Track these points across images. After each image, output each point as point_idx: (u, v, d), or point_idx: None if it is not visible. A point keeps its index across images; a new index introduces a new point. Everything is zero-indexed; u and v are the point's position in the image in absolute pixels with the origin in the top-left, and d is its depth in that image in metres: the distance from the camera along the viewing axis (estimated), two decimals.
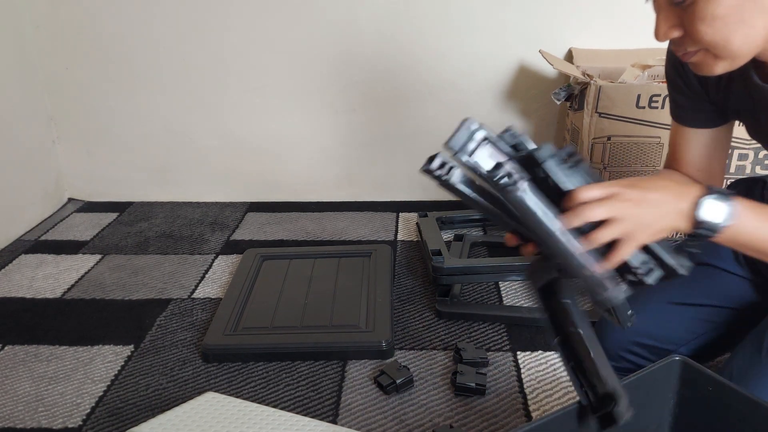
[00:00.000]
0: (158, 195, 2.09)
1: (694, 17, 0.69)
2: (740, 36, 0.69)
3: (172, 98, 1.96)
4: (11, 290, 1.53)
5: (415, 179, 2.05)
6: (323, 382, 1.17)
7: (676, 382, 0.83)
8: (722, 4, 0.67)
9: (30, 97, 1.92)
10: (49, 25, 1.89)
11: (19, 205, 1.87)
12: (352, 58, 1.89)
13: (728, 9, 0.67)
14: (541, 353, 1.23)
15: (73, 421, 1.08)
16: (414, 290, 1.48)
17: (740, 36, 0.69)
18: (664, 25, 0.72)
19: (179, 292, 1.51)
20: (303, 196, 2.07)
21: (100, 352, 1.28)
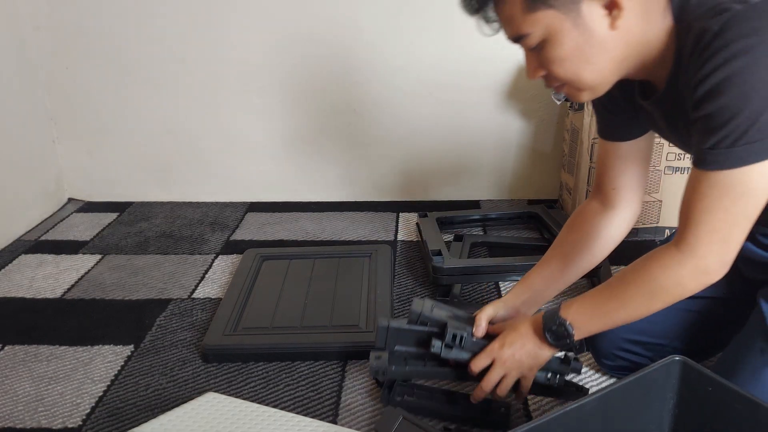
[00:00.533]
0: (158, 195, 2.09)
1: (547, 60, 0.79)
2: (587, 72, 0.78)
3: (172, 98, 1.96)
4: (11, 290, 1.53)
5: (415, 179, 2.05)
6: (323, 382, 1.17)
7: (676, 382, 0.83)
8: (564, 48, 0.76)
9: (30, 97, 1.92)
10: (49, 26, 1.89)
11: (19, 205, 1.87)
12: (351, 59, 1.89)
13: (570, 51, 0.76)
14: None
15: (72, 421, 1.08)
16: (414, 290, 1.48)
17: (587, 72, 0.78)
18: (530, 66, 0.83)
19: (179, 292, 1.51)
20: (303, 196, 2.07)
21: (100, 352, 1.28)
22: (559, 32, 0.75)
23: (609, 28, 0.75)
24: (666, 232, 1.65)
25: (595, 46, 0.76)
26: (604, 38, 0.75)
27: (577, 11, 0.74)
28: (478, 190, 2.05)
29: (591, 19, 0.74)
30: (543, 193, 2.04)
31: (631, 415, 0.84)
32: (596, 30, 0.75)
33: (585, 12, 0.74)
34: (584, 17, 0.74)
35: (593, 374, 1.16)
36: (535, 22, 0.75)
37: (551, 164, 2.00)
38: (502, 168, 2.03)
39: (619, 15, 0.73)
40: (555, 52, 0.77)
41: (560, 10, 0.74)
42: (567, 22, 0.74)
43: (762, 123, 0.69)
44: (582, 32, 0.75)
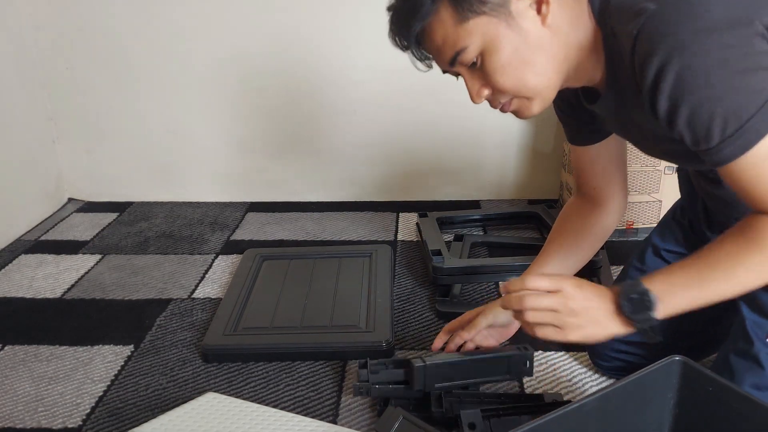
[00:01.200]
0: (158, 195, 2.09)
1: (489, 72, 0.78)
2: (531, 75, 0.78)
3: (172, 98, 1.96)
4: (11, 290, 1.53)
5: (415, 179, 2.05)
6: (323, 383, 1.17)
7: (676, 382, 0.83)
8: (504, 53, 0.76)
9: (30, 97, 1.92)
10: (49, 25, 1.89)
11: (19, 205, 1.87)
12: (351, 59, 1.89)
13: (510, 55, 0.76)
14: (541, 353, 1.23)
15: (72, 421, 1.08)
16: (414, 290, 1.49)
17: (531, 75, 0.78)
18: (473, 87, 0.82)
19: (179, 292, 1.51)
20: (303, 196, 2.07)
21: (100, 352, 1.28)
22: (495, 38, 0.75)
23: (541, 26, 0.75)
24: None
25: (533, 45, 0.76)
26: (539, 36, 0.76)
27: (507, 12, 0.74)
28: (478, 190, 2.05)
29: (523, 18, 0.75)
30: (543, 193, 2.04)
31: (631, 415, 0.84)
32: (530, 29, 0.75)
33: (515, 11, 0.74)
34: (516, 17, 0.74)
35: (592, 374, 1.17)
36: (470, 32, 0.75)
37: (551, 164, 2.00)
38: (502, 168, 2.03)
39: (547, 11, 0.74)
40: (496, 60, 0.77)
41: (491, 14, 0.74)
42: (501, 26, 0.75)
43: (741, 104, 0.68)
44: (518, 33, 0.75)
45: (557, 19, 0.76)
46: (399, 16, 0.83)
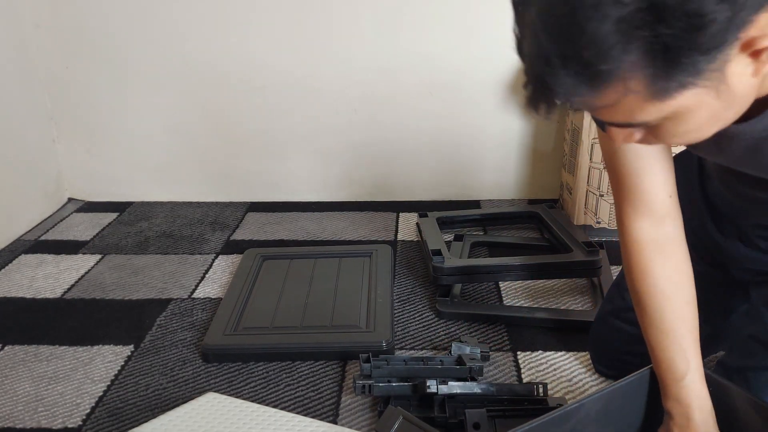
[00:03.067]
0: (158, 195, 2.09)
1: (663, 134, 0.61)
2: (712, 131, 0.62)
3: (172, 98, 1.96)
4: (11, 290, 1.53)
5: (415, 179, 2.05)
6: (323, 382, 1.17)
7: None
8: (692, 123, 0.59)
9: (30, 97, 1.92)
10: (49, 25, 1.89)
11: (19, 205, 1.87)
12: (352, 58, 1.89)
13: (699, 123, 0.59)
14: (541, 353, 1.23)
15: (73, 421, 1.08)
16: (414, 290, 1.48)
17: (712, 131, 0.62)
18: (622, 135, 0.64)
19: (179, 292, 1.51)
20: (303, 196, 2.07)
21: (100, 352, 1.28)
22: (694, 108, 0.57)
23: (752, 77, 0.56)
24: None
25: (736, 104, 0.59)
26: (744, 93, 0.57)
27: (721, 78, 0.54)
28: (478, 190, 2.05)
29: (738, 79, 0.55)
30: (543, 193, 2.04)
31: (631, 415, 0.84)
32: (739, 87, 0.56)
33: (731, 74, 0.54)
34: (729, 80, 0.54)
35: (592, 374, 1.16)
36: (663, 108, 0.56)
37: (552, 164, 2.00)
38: (502, 168, 2.02)
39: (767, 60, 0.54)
40: (681, 128, 0.59)
41: (703, 85, 0.53)
42: (708, 95, 0.55)
43: None
44: (725, 99, 0.56)
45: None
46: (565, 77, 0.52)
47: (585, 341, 1.20)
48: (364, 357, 1.06)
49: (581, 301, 1.42)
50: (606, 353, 1.14)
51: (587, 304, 1.40)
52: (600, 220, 1.69)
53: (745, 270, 0.95)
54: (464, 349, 1.14)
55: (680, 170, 1.05)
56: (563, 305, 1.40)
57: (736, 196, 0.90)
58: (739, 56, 0.53)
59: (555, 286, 1.48)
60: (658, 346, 0.83)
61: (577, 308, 1.39)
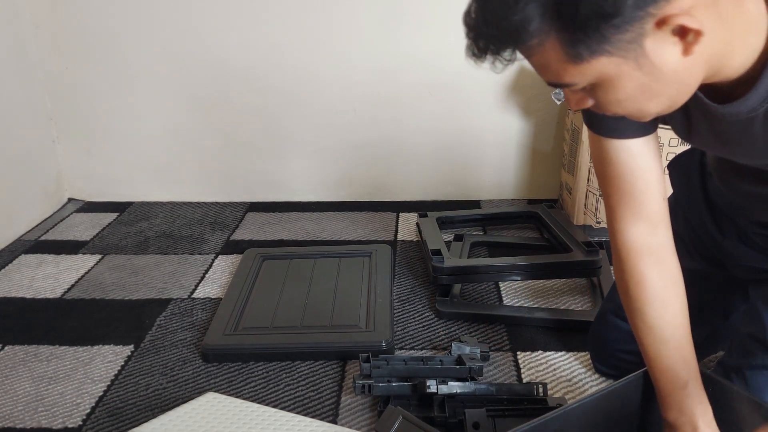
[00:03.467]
0: (158, 195, 2.09)
1: (601, 102, 0.65)
2: (653, 105, 0.64)
3: (172, 98, 1.96)
4: (11, 290, 1.53)
5: (415, 179, 2.05)
6: (323, 382, 1.17)
7: None
8: (621, 92, 0.62)
9: (30, 97, 1.92)
10: (49, 25, 1.89)
11: (19, 205, 1.87)
12: (352, 58, 1.89)
13: (629, 93, 0.62)
14: (541, 353, 1.23)
15: (73, 421, 1.08)
16: (414, 290, 1.48)
17: (653, 105, 0.64)
18: (573, 100, 0.67)
19: (179, 292, 1.51)
20: (303, 196, 2.07)
21: (100, 352, 1.28)
22: (615, 77, 0.60)
23: (682, 56, 0.59)
24: None
25: (665, 80, 0.61)
26: (676, 69, 0.60)
27: (639, 50, 0.57)
28: (478, 190, 2.05)
29: (658, 54, 0.58)
30: (543, 193, 2.04)
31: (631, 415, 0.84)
32: (666, 64, 0.59)
33: (650, 48, 0.57)
34: (649, 54, 0.58)
35: (592, 374, 1.17)
36: (582, 72, 0.60)
37: (551, 164, 2.00)
38: (502, 168, 2.03)
39: (695, 40, 0.57)
40: (610, 95, 0.63)
41: (617, 54, 0.57)
42: (626, 65, 0.59)
43: None
44: (647, 71, 0.59)
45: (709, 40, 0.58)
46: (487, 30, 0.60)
47: (585, 341, 1.20)
48: (363, 357, 1.06)
49: (581, 301, 1.42)
50: (606, 353, 1.14)
51: (587, 304, 1.40)
52: (600, 220, 1.69)
53: (745, 269, 0.95)
54: (464, 349, 1.14)
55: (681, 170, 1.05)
56: (563, 305, 1.40)
57: (735, 193, 0.90)
58: (658, 33, 0.56)
59: (555, 286, 1.48)
60: (659, 356, 0.81)
61: (577, 308, 1.39)
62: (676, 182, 1.07)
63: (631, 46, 0.57)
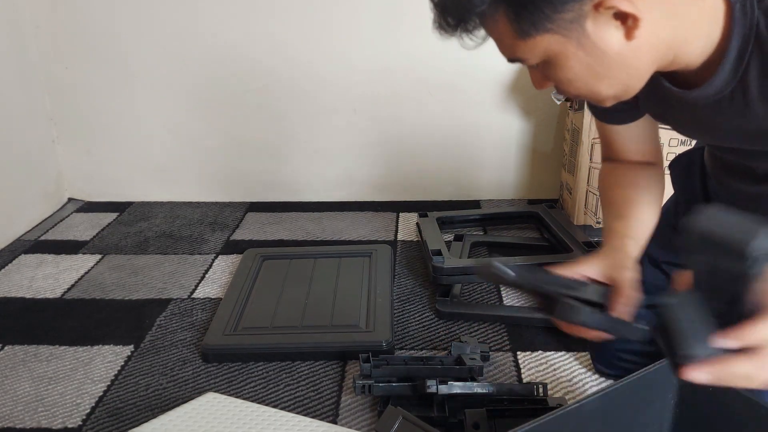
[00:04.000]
0: (158, 195, 2.09)
1: (553, 79, 0.70)
2: (605, 87, 0.68)
3: (172, 98, 1.96)
4: (11, 290, 1.53)
5: (415, 179, 2.05)
6: (323, 382, 1.17)
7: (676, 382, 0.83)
8: (568, 71, 0.67)
9: (30, 97, 1.92)
10: (49, 25, 1.89)
11: (19, 205, 1.87)
12: (351, 58, 1.89)
13: (578, 72, 0.67)
14: (541, 353, 1.23)
15: (73, 421, 1.08)
16: (414, 290, 1.48)
17: (605, 87, 0.68)
18: (535, 79, 0.74)
19: (179, 292, 1.51)
20: (303, 196, 2.07)
21: (100, 352, 1.28)
22: (561, 55, 0.65)
23: (625, 41, 0.63)
24: None
25: (609, 62, 0.65)
26: (620, 52, 0.64)
27: (580, 29, 0.62)
28: (478, 190, 2.05)
29: (600, 36, 0.63)
30: (543, 193, 2.04)
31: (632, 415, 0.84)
32: (609, 46, 0.63)
33: (591, 30, 0.62)
34: (590, 35, 0.63)
35: (592, 374, 1.16)
36: (531, 48, 0.65)
37: (551, 164, 2.00)
38: (502, 168, 2.02)
39: (635, 25, 0.62)
40: (560, 74, 0.68)
41: (559, 32, 0.63)
42: (570, 45, 0.64)
43: None
44: (590, 52, 0.64)
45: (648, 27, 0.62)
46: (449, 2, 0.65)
47: (585, 341, 1.20)
48: (363, 357, 1.06)
49: None
50: (606, 353, 1.14)
51: None
52: (600, 220, 1.69)
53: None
54: (464, 349, 1.14)
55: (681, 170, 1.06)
56: None
57: (728, 192, 0.93)
58: (599, 16, 0.61)
59: None
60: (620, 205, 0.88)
61: None
62: (677, 182, 1.08)
63: (572, 25, 0.62)
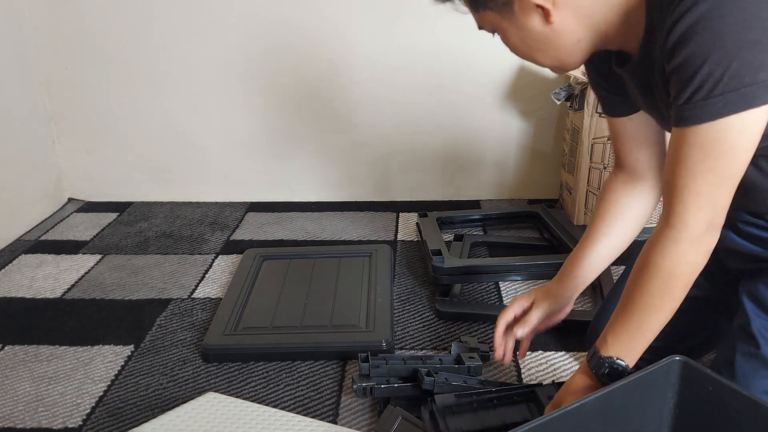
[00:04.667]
0: (158, 195, 2.09)
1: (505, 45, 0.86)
2: (540, 57, 0.84)
3: (172, 98, 1.96)
4: (11, 290, 1.53)
5: (415, 179, 2.05)
6: (323, 382, 1.17)
7: (676, 382, 0.83)
8: (510, 41, 0.84)
9: (30, 97, 1.92)
10: (49, 26, 1.89)
11: (19, 205, 1.87)
12: (351, 59, 1.89)
13: (515, 43, 0.83)
14: (541, 353, 1.23)
15: (73, 421, 1.08)
16: (414, 290, 1.49)
17: (540, 57, 0.84)
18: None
19: (179, 292, 1.51)
20: (303, 196, 2.07)
21: (100, 352, 1.28)
22: (501, 29, 0.83)
23: (545, 24, 0.78)
24: None
25: (537, 39, 0.81)
26: (543, 32, 0.79)
27: (510, 11, 0.79)
28: (478, 190, 2.05)
29: (526, 17, 0.79)
30: (543, 193, 2.04)
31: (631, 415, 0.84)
32: (533, 27, 0.79)
33: (518, 12, 0.79)
34: (518, 17, 0.79)
35: None
36: (482, 19, 0.84)
37: (551, 164, 2.00)
38: (502, 168, 2.03)
39: (549, 14, 0.77)
40: (505, 42, 0.85)
41: (496, 11, 0.80)
42: (505, 21, 0.81)
43: (734, 70, 0.66)
44: (520, 29, 0.80)
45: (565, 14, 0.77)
46: None
47: (585, 341, 1.20)
48: (362, 356, 1.06)
49: (581, 301, 1.42)
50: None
51: (587, 304, 1.40)
52: None
53: (735, 258, 0.95)
54: (464, 349, 1.14)
55: None
56: None
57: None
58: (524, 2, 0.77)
59: None
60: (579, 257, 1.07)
61: (577, 308, 1.39)
62: None
63: (505, 8, 0.79)
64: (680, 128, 0.72)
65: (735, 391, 0.78)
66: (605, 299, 1.19)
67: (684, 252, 0.77)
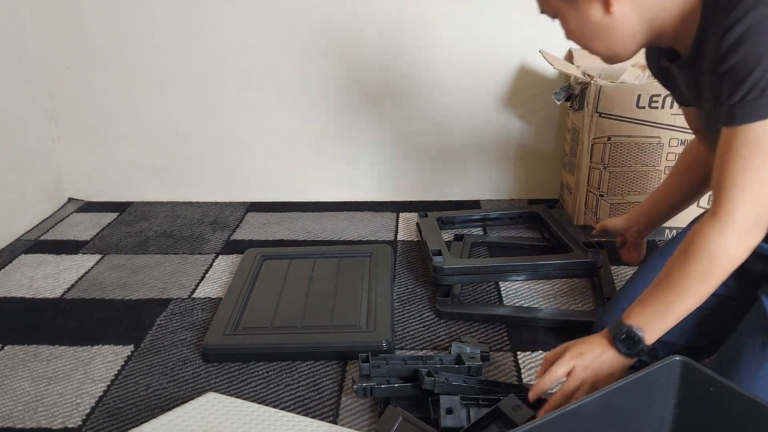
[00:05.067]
0: (158, 195, 2.09)
1: (564, 30, 0.92)
2: (596, 46, 0.90)
3: (172, 98, 1.96)
4: (11, 290, 1.53)
5: (415, 179, 2.05)
6: (324, 383, 1.17)
7: (676, 382, 0.83)
8: (567, 27, 0.90)
9: (30, 97, 1.92)
10: (49, 25, 1.89)
11: (19, 205, 1.87)
12: (352, 59, 1.89)
13: (572, 29, 0.90)
14: (541, 353, 1.23)
15: (73, 421, 1.08)
16: (414, 290, 1.48)
17: (596, 46, 0.90)
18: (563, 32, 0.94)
19: (179, 292, 1.51)
20: (303, 196, 2.07)
21: (100, 352, 1.28)
22: (561, 14, 0.89)
23: (604, 14, 0.84)
24: (666, 233, 1.65)
25: (595, 28, 0.86)
26: (601, 22, 0.85)
27: (575, 1, 0.85)
28: (478, 190, 2.05)
29: (587, 6, 0.85)
30: (543, 193, 2.04)
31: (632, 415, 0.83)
32: (593, 15, 0.85)
33: (581, 2, 0.85)
34: (580, 4, 0.85)
35: None
36: (546, 3, 0.90)
37: (552, 164, 2.00)
38: (502, 168, 2.02)
39: (610, 5, 0.82)
40: (564, 27, 0.91)
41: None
42: (567, 7, 0.87)
43: None
44: (580, 16, 0.86)
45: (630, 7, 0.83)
46: None
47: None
48: (363, 357, 1.06)
49: (581, 301, 1.42)
50: None
51: (588, 305, 1.40)
52: (600, 220, 1.69)
53: (760, 262, 0.95)
54: (464, 349, 1.14)
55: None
56: (563, 305, 1.40)
57: None
58: None
59: (555, 286, 1.48)
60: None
61: (578, 308, 1.39)
62: None
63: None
64: (731, 127, 0.77)
65: (736, 392, 0.78)
66: (609, 301, 1.19)
67: (728, 243, 0.80)
